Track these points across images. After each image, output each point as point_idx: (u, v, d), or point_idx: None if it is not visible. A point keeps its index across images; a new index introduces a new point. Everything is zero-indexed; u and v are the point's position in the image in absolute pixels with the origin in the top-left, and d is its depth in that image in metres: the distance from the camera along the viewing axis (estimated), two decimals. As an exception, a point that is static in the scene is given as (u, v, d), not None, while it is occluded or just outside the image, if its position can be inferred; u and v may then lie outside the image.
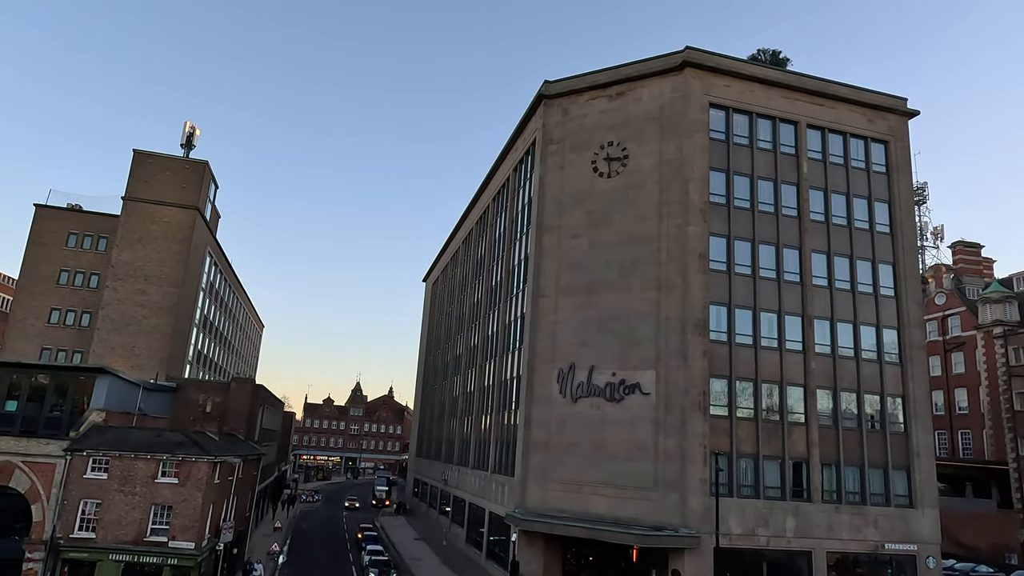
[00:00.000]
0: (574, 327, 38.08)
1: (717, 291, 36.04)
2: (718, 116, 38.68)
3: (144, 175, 58.86)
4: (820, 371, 36.56)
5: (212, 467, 34.82)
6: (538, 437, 37.40)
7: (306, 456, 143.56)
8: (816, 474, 34.96)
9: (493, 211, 55.63)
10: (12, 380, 37.63)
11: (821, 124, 40.06)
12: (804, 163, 39.31)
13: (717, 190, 37.63)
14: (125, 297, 56.28)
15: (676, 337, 34.93)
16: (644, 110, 39.20)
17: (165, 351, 56.16)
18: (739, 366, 35.55)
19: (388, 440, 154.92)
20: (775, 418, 35.55)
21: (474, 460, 50.55)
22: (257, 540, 55.75)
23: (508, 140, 50.44)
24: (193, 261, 60.69)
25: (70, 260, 59.73)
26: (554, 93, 42.45)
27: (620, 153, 39.25)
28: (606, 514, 34.02)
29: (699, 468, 32.94)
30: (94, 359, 53.54)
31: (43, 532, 32.72)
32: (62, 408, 37.49)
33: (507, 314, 47.08)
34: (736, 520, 33.03)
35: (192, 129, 64.12)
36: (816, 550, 33.68)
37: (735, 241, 37.20)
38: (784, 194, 38.78)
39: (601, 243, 38.56)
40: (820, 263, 38.30)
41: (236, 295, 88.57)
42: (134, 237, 57.49)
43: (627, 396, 35.48)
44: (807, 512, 34.20)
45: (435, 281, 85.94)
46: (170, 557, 32.79)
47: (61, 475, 33.41)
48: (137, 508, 33.34)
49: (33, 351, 56.34)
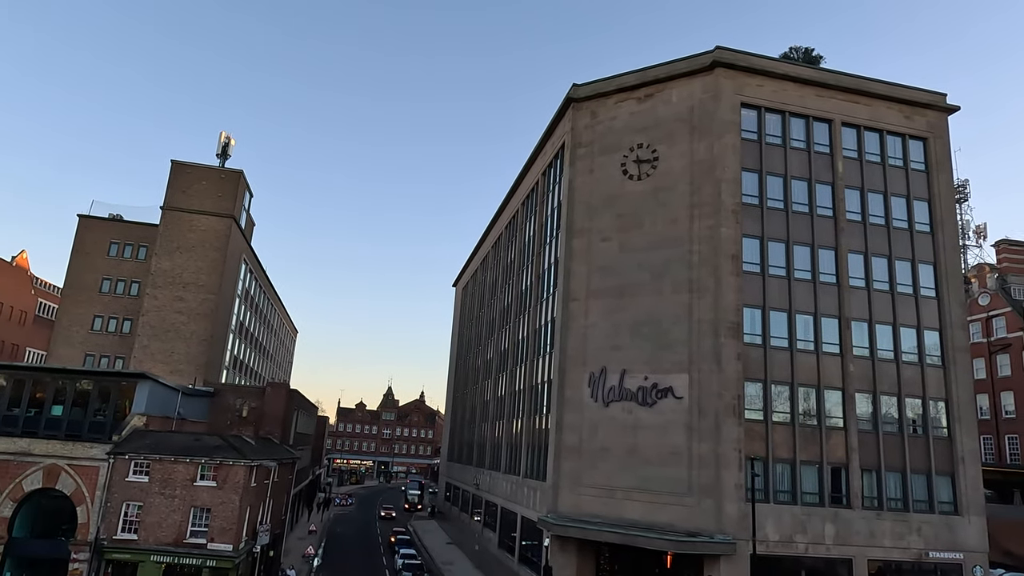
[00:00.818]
0: (605, 331, 37.85)
1: (751, 293, 35.49)
2: (750, 116, 38.16)
3: (182, 185, 60.34)
4: (859, 374, 35.72)
5: (249, 471, 35.41)
6: (570, 442, 37.23)
7: (339, 460, 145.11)
8: (856, 480, 34.13)
9: (522, 215, 55.66)
10: (58, 386, 38.84)
11: (857, 122, 39.24)
12: (839, 162, 38.55)
13: (750, 191, 37.10)
14: (164, 304, 57.69)
15: (709, 340, 34.49)
16: (674, 111, 38.86)
17: (203, 357, 57.37)
18: (774, 369, 34.94)
19: (420, 444, 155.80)
20: (812, 422, 34.82)
21: (506, 464, 50.52)
22: (292, 543, 56.50)
23: (537, 144, 50.45)
24: (229, 268, 61.94)
25: (112, 269, 61.44)
26: (582, 96, 42.34)
27: (650, 155, 38.97)
28: (640, 519, 33.68)
29: (734, 473, 32.42)
30: (135, 365, 54.94)
31: (88, 533, 33.63)
32: (105, 413, 38.54)
33: (537, 318, 47.02)
34: (773, 526, 32.41)
35: (227, 139, 65.55)
36: (857, 558, 32.85)
37: (769, 242, 36.62)
38: (819, 194, 38.07)
39: (632, 246, 38.29)
40: (857, 264, 37.47)
41: (271, 301, 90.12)
42: (172, 246, 58.93)
43: (660, 400, 35.11)
44: (847, 519, 33.40)
45: (465, 286, 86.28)
46: (209, 559, 33.40)
47: (104, 478, 34.31)
48: (177, 510, 34.05)
49: (77, 357, 58.07)
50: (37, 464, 34.36)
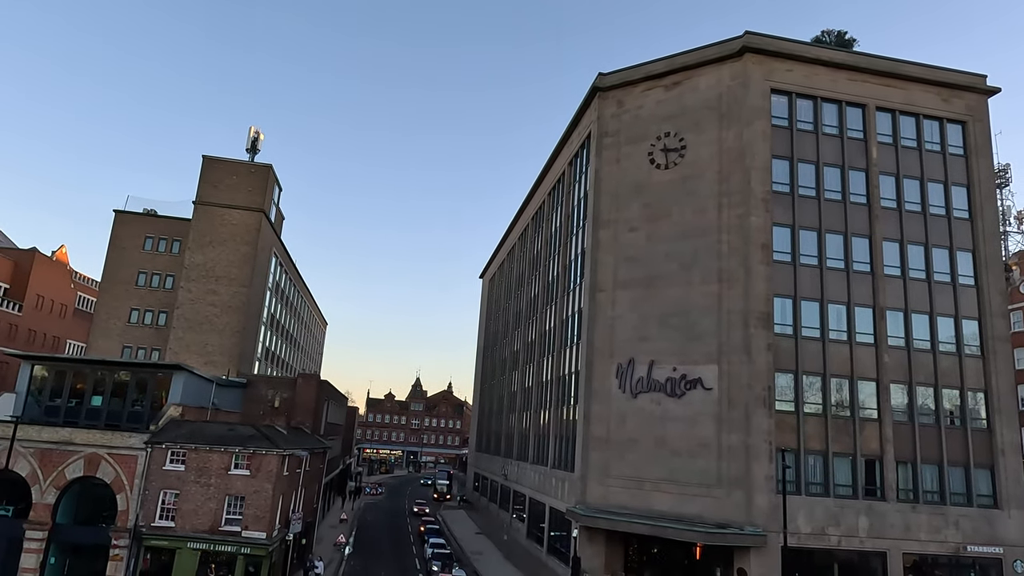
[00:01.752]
0: (633, 321, 37.62)
1: (781, 283, 34.92)
2: (780, 102, 37.42)
3: (213, 179, 61.33)
4: (894, 365, 34.97)
5: (281, 460, 36.05)
6: (598, 433, 37.16)
7: (369, 450, 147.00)
8: (891, 472, 33.49)
9: (549, 206, 55.47)
10: (97, 377, 39.97)
11: (892, 106, 38.23)
12: (873, 148, 37.62)
13: (780, 179, 36.44)
14: (198, 297, 58.85)
15: (739, 331, 34.06)
16: (702, 99, 38.28)
17: (236, 348, 58.46)
18: (806, 360, 34.38)
19: (448, 435, 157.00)
20: (845, 414, 34.22)
21: (533, 455, 50.65)
22: (324, 531, 57.46)
23: (563, 134, 50.16)
24: (260, 262, 62.90)
25: (147, 262, 62.83)
26: (608, 85, 41.93)
27: (677, 144, 38.48)
28: (668, 511, 33.53)
29: (764, 465, 32.05)
30: (170, 356, 56.22)
31: (127, 520, 34.60)
32: (142, 403, 39.57)
33: (564, 309, 46.90)
34: (805, 519, 31.99)
35: (256, 134, 66.37)
36: (891, 551, 32.29)
37: (800, 231, 35.95)
38: (852, 181, 37.24)
39: (659, 236, 37.92)
40: (892, 252, 36.60)
41: (300, 294, 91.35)
42: (204, 239, 60.01)
43: (688, 391, 34.83)
44: (881, 511, 32.81)
45: (492, 277, 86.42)
46: (243, 546, 34.14)
47: (143, 466, 35.24)
48: (212, 499, 34.84)
49: (115, 349, 59.62)
50: (78, 453, 35.42)
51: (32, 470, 35.16)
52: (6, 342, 62.72)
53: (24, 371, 39.57)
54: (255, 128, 66.26)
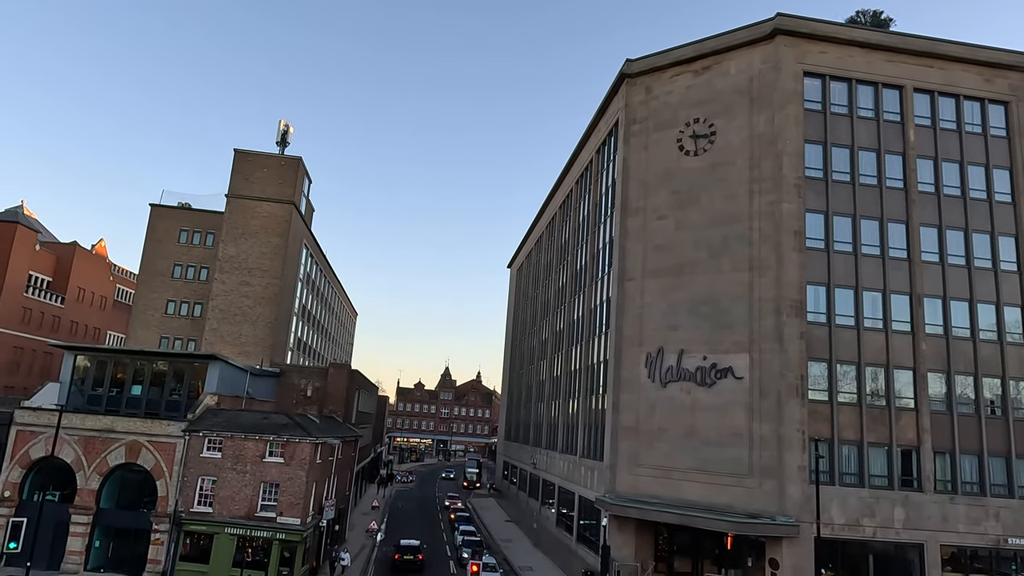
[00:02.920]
0: (662, 310, 37.33)
1: (815, 270, 34.28)
2: (813, 85, 36.58)
3: (244, 172, 62.29)
4: (931, 353, 34.15)
5: (314, 447, 36.71)
6: (627, 422, 37.05)
7: (400, 438, 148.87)
8: (928, 462, 32.79)
9: (576, 194, 55.19)
10: (137, 366, 41.10)
11: (930, 87, 37.10)
12: (911, 130, 36.59)
13: (813, 164, 35.68)
14: (231, 289, 60.00)
15: (771, 319, 33.58)
16: (732, 83, 37.61)
17: (268, 338, 59.54)
18: (840, 349, 33.76)
19: (477, 423, 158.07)
20: (881, 403, 33.57)
21: (562, 444, 50.73)
22: (356, 518, 58.43)
23: (590, 122, 49.78)
24: (291, 253, 63.82)
25: (182, 255, 64.21)
26: (636, 71, 41.44)
27: (707, 130, 37.91)
28: (699, 500, 33.35)
29: (797, 455, 31.64)
30: (205, 347, 57.50)
31: (167, 506, 35.63)
32: (180, 392, 40.61)
33: (592, 298, 46.73)
34: (839, 509, 31.54)
35: (286, 127, 67.12)
36: (928, 542, 31.68)
37: (834, 217, 35.20)
38: (888, 165, 36.29)
39: (689, 223, 37.49)
40: (930, 237, 35.64)
41: (331, 285, 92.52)
42: (237, 232, 61.07)
43: (719, 380, 34.49)
44: (918, 502, 32.19)
45: (520, 267, 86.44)
46: (278, 532, 34.92)
47: (181, 454, 36.20)
48: (248, 485, 35.66)
49: (153, 340, 61.18)
50: (120, 440, 36.53)
51: (76, 457, 36.38)
52: (50, 333, 64.79)
53: (67, 361, 40.87)
54: (284, 121, 67.04)
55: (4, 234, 58.75)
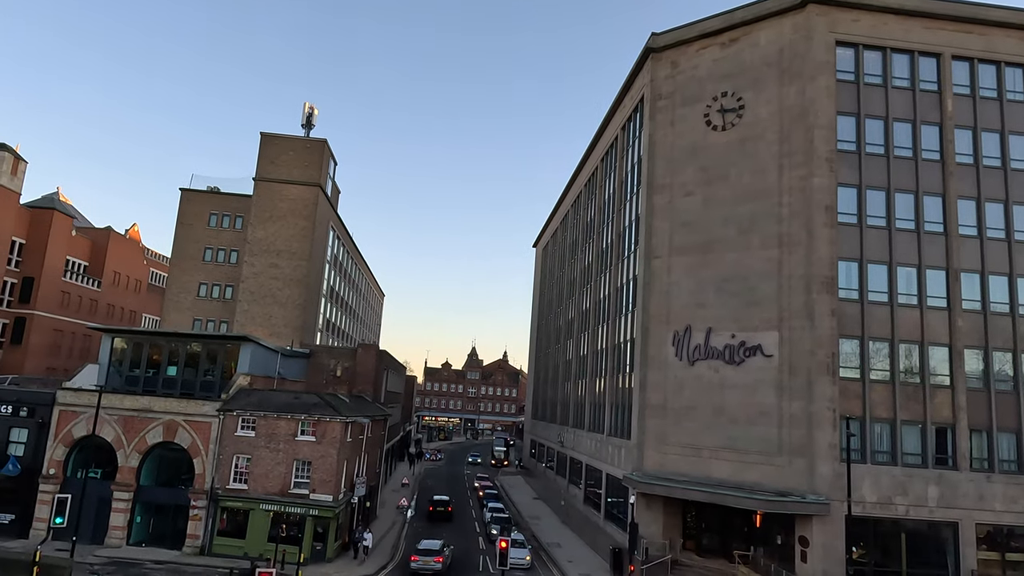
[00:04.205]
0: (689, 288, 36.96)
1: (847, 246, 33.56)
2: (846, 55, 35.50)
3: (271, 156, 62.87)
4: (968, 329, 33.32)
5: (344, 426, 37.34)
6: (654, 400, 36.95)
7: (428, 417, 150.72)
8: (964, 440, 32.17)
9: (602, 173, 54.65)
10: (171, 348, 42.09)
11: (970, 54, 35.75)
12: (949, 100, 35.37)
13: (845, 136, 34.75)
14: (261, 271, 60.92)
15: (801, 296, 33.03)
16: (761, 55, 36.69)
17: (298, 320, 60.45)
18: (872, 325, 33.12)
19: (504, 402, 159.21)
20: (915, 380, 32.93)
21: (589, 423, 50.86)
22: (387, 495, 59.51)
23: (615, 99, 49.07)
24: (318, 235, 64.46)
25: (212, 238, 65.26)
26: (662, 45, 40.64)
27: (735, 104, 37.11)
28: (727, 479, 33.23)
29: (828, 433, 31.27)
30: (237, 328, 58.61)
31: (204, 483, 36.65)
32: (213, 373, 41.54)
33: (619, 277, 46.44)
34: (870, 487, 31.18)
35: (311, 109, 67.44)
36: (963, 521, 31.20)
37: (867, 191, 34.33)
38: (924, 136, 35.17)
39: (716, 200, 36.90)
40: (968, 210, 34.59)
41: (358, 266, 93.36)
42: (265, 215, 61.83)
43: (748, 359, 34.14)
44: (953, 481, 31.66)
45: (545, 246, 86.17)
46: (311, 508, 35.72)
47: (216, 432, 37.13)
48: (281, 463, 36.49)
49: (186, 322, 62.53)
50: (157, 420, 37.57)
51: (117, 435, 37.54)
52: (88, 316, 66.58)
53: (105, 343, 42.02)
54: (310, 104, 67.35)
55: (42, 220, 60.25)
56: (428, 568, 34.91)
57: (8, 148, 54.95)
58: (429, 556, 35.22)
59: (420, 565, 34.94)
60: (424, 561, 34.99)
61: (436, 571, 35.00)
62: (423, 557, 35.22)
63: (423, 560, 35.05)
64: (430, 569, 34.92)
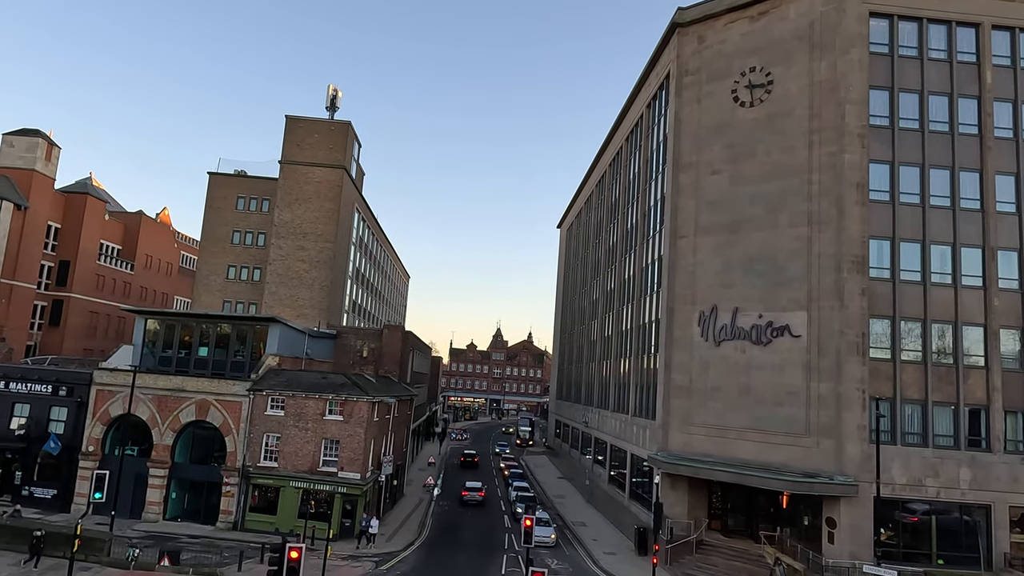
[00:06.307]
0: (715, 268, 36.53)
1: (878, 224, 32.80)
2: (879, 26, 34.41)
3: (296, 139, 63.28)
4: (1004, 309, 32.46)
5: (371, 406, 37.87)
6: (679, 381, 36.78)
7: (453, 398, 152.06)
8: (998, 422, 31.51)
9: (627, 151, 54.02)
10: (202, 329, 42.93)
11: (1011, 23, 34.40)
12: (988, 71, 34.14)
13: (878, 111, 33.80)
14: (288, 253, 61.66)
15: (830, 275, 32.44)
16: (791, 28, 35.74)
17: (325, 301, 61.18)
18: (904, 305, 32.44)
19: (529, 383, 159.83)
20: (948, 361, 32.25)
21: (614, 403, 50.86)
22: (414, 474, 60.33)
23: (640, 76, 48.32)
24: (343, 217, 64.93)
25: (240, 221, 66.15)
26: (688, 20, 39.81)
27: (763, 79, 36.28)
28: (753, 459, 33.04)
29: (857, 414, 30.86)
30: (265, 310, 59.54)
31: (236, 460, 37.54)
32: (243, 353, 42.32)
33: (644, 257, 46.07)
34: (900, 469, 30.77)
35: (335, 92, 67.61)
36: (996, 503, 30.67)
37: (900, 167, 33.44)
38: (961, 109, 34.06)
39: (743, 178, 36.28)
40: (1007, 186, 33.52)
41: (383, 248, 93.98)
42: (291, 197, 62.41)
43: (775, 339, 33.73)
44: (986, 463, 31.08)
45: (570, 227, 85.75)
46: (340, 486, 36.42)
47: (246, 412, 37.93)
48: (310, 442, 37.19)
49: (216, 303, 63.69)
50: (190, 399, 38.48)
51: (151, 414, 38.55)
52: (122, 299, 68.17)
53: (139, 325, 43.02)
54: (333, 86, 67.52)
55: (76, 205, 61.58)
56: (474, 500, 49.89)
57: (42, 134, 56.08)
58: (474, 491, 50.56)
59: (469, 497, 49.93)
60: (471, 496, 50.10)
61: (478, 501, 49.84)
62: (471, 493, 50.27)
63: (471, 494, 50.13)
64: (475, 500, 49.85)
